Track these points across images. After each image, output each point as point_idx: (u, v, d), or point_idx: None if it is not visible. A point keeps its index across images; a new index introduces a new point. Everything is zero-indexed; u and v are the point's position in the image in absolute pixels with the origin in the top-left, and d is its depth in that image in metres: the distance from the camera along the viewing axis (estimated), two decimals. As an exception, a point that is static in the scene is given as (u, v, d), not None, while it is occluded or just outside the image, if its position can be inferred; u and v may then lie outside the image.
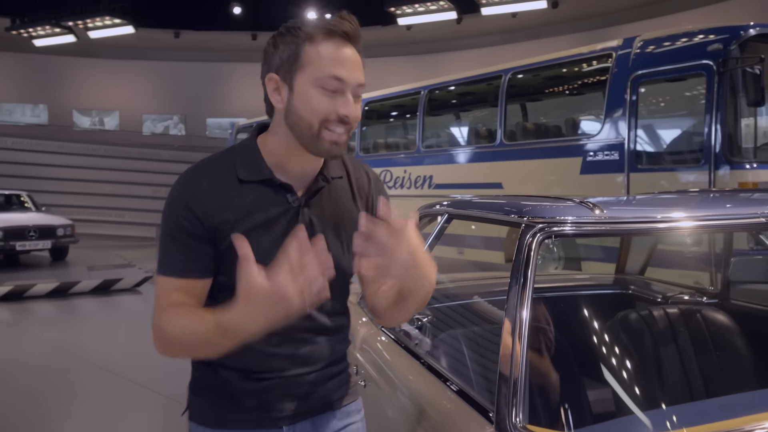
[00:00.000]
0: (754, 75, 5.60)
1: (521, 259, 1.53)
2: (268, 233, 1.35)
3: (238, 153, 1.41)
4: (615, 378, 2.21)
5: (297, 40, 1.33)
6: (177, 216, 1.34)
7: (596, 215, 1.59)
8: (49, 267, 12.34)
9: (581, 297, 2.70)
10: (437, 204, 2.47)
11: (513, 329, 1.49)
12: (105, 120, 24.22)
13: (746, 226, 1.69)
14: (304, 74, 1.32)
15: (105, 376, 5.49)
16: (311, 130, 1.32)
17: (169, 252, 1.36)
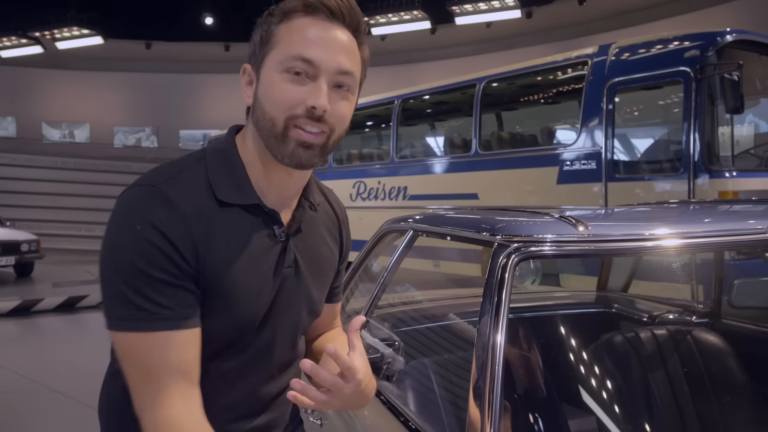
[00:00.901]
0: (733, 81, 5.49)
1: (493, 283, 1.32)
2: (254, 275, 1.06)
3: (212, 164, 1.08)
4: (599, 407, 2.02)
5: (272, 19, 1.06)
6: (153, 249, 0.97)
7: (579, 232, 1.39)
8: (13, 284, 11.94)
9: (561, 317, 2.50)
10: (405, 218, 2.26)
11: (484, 364, 1.28)
12: (75, 132, 23.79)
13: (751, 243, 1.50)
14: (272, 57, 1.04)
15: (65, 402, 5.19)
16: (275, 127, 1.03)
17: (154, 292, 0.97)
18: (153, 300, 0.97)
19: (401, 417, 1.62)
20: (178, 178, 1.04)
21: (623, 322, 2.58)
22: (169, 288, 0.98)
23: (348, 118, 1.09)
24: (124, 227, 1.00)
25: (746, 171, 5.98)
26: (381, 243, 2.30)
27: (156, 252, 0.97)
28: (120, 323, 0.98)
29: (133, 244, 0.98)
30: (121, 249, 0.99)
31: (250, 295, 1.06)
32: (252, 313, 1.07)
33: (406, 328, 2.39)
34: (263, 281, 1.08)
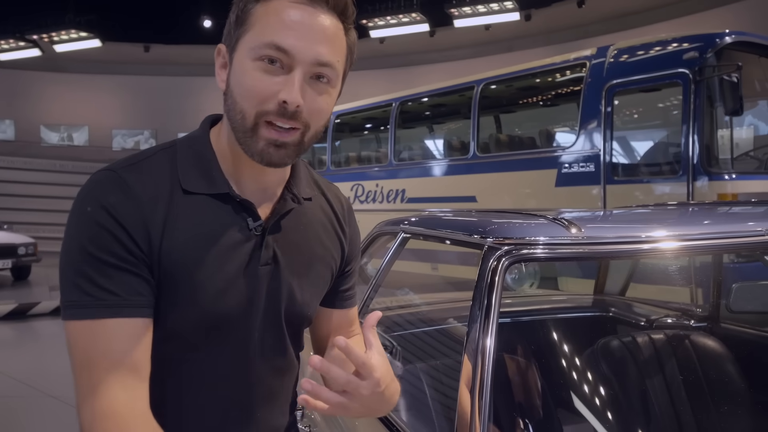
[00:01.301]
0: (732, 83, 5.46)
1: (483, 286, 1.28)
2: (220, 270, 0.97)
3: (181, 152, 1.00)
4: (595, 413, 1.98)
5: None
6: (98, 227, 0.91)
7: (572, 235, 1.35)
8: (9, 287, 11.90)
9: (557, 321, 2.46)
10: (397, 221, 2.22)
11: (473, 369, 1.24)
12: (74, 135, 23.74)
13: (749, 246, 1.45)
14: (244, 41, 0.94)
15: (60, 407, 5.14)
16: (245, 121, 0.93)
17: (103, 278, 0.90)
18: (99, 285, 0.89)
19: (393, 428, 1.57)
20: (140, 164, 0.97)
21: (620, 326, 2.54)
22: (116, 272, 0.90)
23: (327, 114, 0.99)
24: (76, 212, 0.94)
25: (745, 173, 5.95)
26: (373, 245, 2.26)
27: (104, 233, 0.91)
28: (66, 311, 0.91)
29: (82, 227, 0.92)
30: (71, 233, 0.93)
31: (215, 290, 0.96)
32: (220, 310, 0.98)
33: (401, 332, 2.35)
34: (233, 277, 0.98)
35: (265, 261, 1.01)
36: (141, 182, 0.95)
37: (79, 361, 0.90)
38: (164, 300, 0.95)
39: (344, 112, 10.85)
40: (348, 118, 11.02)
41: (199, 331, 0.99)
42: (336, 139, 11.16)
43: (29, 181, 19.27)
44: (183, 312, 0.96)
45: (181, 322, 0.97)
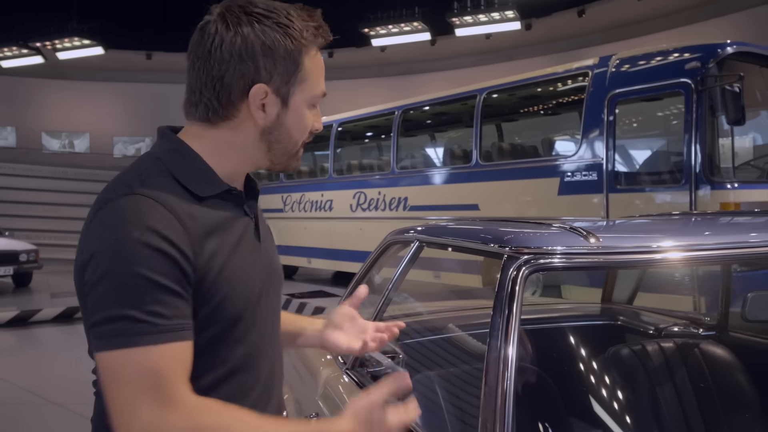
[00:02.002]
0: (734, 93, 5.49)
1: (503, 296, 1.29)
2: (239, 255, 1.09)
3: (172, 163, 1.08)
4: (606, 420, 1.99)
5: (296, 44, 1.08)
6: (152, 251, 0.95)
7: (590, 244, 1.36)
8: (11, 294, 11.89)
9: (566, 329, 2.47)
10: (409, 230, 2.23)
11: (495, 378, 1.26)
12: (75, 142, 23.76)
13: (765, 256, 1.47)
14: (303, 90, 1.12)
15: (62, 413, 5.14)
16: (295, 147, 1.16)
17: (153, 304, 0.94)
18: (157, 312, 0.94)
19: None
20: (150, 182, 1.02)
21: (629, 334, 2.55)
22: (171, 297, 0.96)
23: None
24: (121, 239, 0.96)
25: (748, 182, 5.97)
26: (385, 254, 2.28)
27: (160, 257, 0.96)
28: (118, 339, 0.94)
29: (132, 252, 0.95)
30: (118, 260, 0.95)
31: (241, 272, 1.08)
32: (250, 289, 1.10)
33: (409, 341, 2.36)
34: (251, 258, 1.12)
35: (261, 237, 1.18)
36: (167, 198, 1.01)
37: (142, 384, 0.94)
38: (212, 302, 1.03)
39: (346, 120, 10.88)
40: (350, 126, 11.05)
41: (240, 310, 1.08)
42: (338, 147, 11.19)
43: (30, 188, 19.26)
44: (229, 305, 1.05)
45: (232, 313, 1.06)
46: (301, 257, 11.64)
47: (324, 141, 11.00)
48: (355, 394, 1.94)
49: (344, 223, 10.40)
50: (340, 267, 10.64)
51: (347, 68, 21.61)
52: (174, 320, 0.96)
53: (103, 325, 0.95)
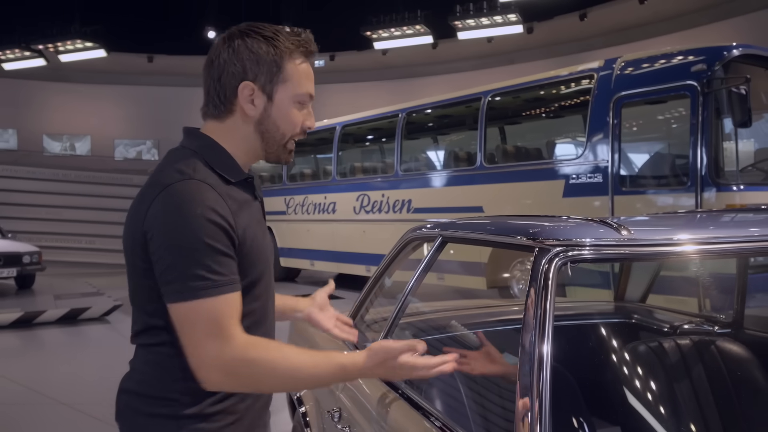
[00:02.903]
0: (740, 95, 5.50)
1: (537, 289, 1.30)
2: (257, 228, 1.39)
3: (209, 156, 1.36)
4: (626, 417, 2.00)
5: (278, 51, 1.36)
6: (212, 223, 1.25)
7: (622, 236, 1.38)
8: (14, 295, 11.88)
9: (581, 327, 2.48)
10: (431, 225, 2.24)
11: (530, 371, 1.27)
12: (76, 145, 23.78)
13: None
14: (286, 88, 1.38)
15: (68, 412, 5.15)
16: (283, 139, 1.41)
17: (216, 266, 1.24)
18: (216, 271, 1.24)
19: (431, 416, 1.60)
20: (198, 170, 1.31)
21: (644, 332, 2.56)
22: (225, 258, 1.26)
23: None
24: (186, 214, 1.24)
25: (753, 185, 5.98)
26: (404, 252, 2.29)
27: (216, 228, 1.25)
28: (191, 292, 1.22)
29: (197, 225, 1.23)
30: (186, 231, 1.23)
31: (260, 242, 1.38)
32: (265, 256, 1.41)
33: (427, 338, 2.37)
34: (262, 232, 1.43)
35: (264, 215, 1.50)
36: (214, 183, 1.31)
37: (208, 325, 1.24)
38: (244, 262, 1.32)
39: (350, 123, 10.89)
40: (353, 128, 11.06)
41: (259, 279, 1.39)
42: (341, 149, 11.19)
43: (31, 191, 19.25)
44: (255, 267, 1.36)
45: (252, 274, 1.36)
46: (304, 259, 11.64)
47: (327, 143, 11.01)
48: (375, 387, 1.95)
49: (347, 225, 10.41)
50: (343, 269, 10.64)
51: (348, 71, 21.65)
52: (228, 276, 1.25)
53: (176, 282, 1.23)
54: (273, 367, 1.27)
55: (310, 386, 1.39)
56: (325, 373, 1.31)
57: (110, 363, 1.43)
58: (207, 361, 1.23)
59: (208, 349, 1.23)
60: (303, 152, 12.78)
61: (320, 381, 1.33)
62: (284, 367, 1.27)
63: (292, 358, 1.28)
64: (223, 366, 1.23)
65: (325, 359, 1.32)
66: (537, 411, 1.21)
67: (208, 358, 1.23)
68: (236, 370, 1.24)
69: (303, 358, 1.30)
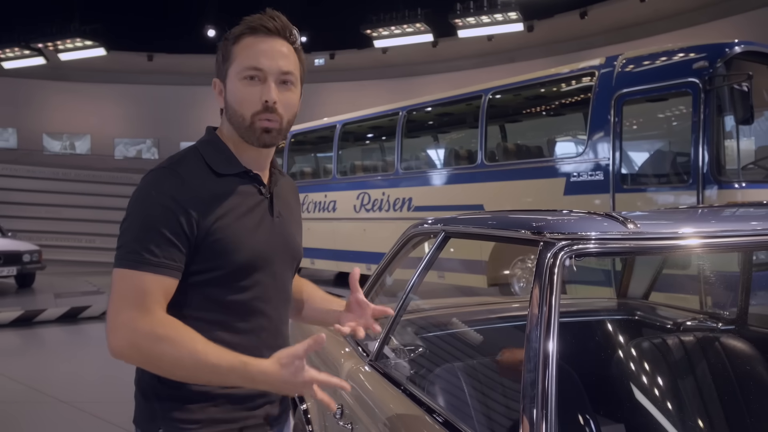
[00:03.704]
0: (742, 92, 5.48)
1: (542, 283, 1.29)
2: (246, 221, 1.40)
3: (204, 149, 1.44)
4: (630, 414, 1.99)
5: (228, 42, 1.43)
6: (166, 210, 1.31)
7: (628, 230, 1.36)
8: (14, 294, 11.87)
9: (585, 324, 2.47)
10: (426, 222, 2.23)
11: (535, 366, 1.25)
12: (76, 144, 23.76)
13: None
14: (233, 70, 1.41)
15: (69, 410, 5.14)
16: (244, 121, 1.40)
17: (154, 247, 1.30)
18: (153, 252, 1.29)
19: (434, 412, 1.58)
20: (182, 161, 1.40)
21: (647, 329, 2.55)
22: (167, 244, 1.30)
23: (294, 106, 1.45)
24: (142, 196, 1.35)
25: (755, 182, 5.96)
26: (406, 248, 2.27)
27: (166, 214, 1.31)
28: (120, 261, 1.31)
29: (148, 206, 1.32)
30: (137, 209, 1.33)
31: (246, 235, 1.39)
32: (253, 250, 1.40)
33: (429, 335, 2.36)
34: (256, 227, 1.42)
35: (276, 215, 1.48)
36: (189, 173, 1.37)
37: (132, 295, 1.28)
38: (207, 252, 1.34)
39: (350, 122, 10.87)
40: (354, 127, 11.04)
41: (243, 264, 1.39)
42: (342, 147, 11.18)
43: (31, 189, 19.25)
44: (230, 252, 1.36)
45: (229, 259, 1.37)
46: (304, 258, 11.60)
47: (328, 142, 10.99)
48: (377, 383, 1.94)
49: (348, 223, 10.39)
50: (343, 268, 10.62)
51: (349, 70, 21.63)
52: (162, 259, 1.30)
53: (118, 250, 1.33)
54: (176, 348, 1.25)
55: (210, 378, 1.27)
56: (226, 366, 1.26)
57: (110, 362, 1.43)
58: (117, 326, 1.26)
59: (122, 315, 1.27)
60: (303, 151, 12.75)
61: (220, 373, 1.27)
62: (187, 351, 1.25)
63: (199, 345, 1.26)
64: (130, 335, 1.25)
65: (231, 353, 1.28)
66: (542, 407, 1.19)
67: (120, 324, 1.26)
68: (140, 343, 1.25)
69: (209, 347, 1.26)
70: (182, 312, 1.35)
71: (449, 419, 1.51)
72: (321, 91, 21.19)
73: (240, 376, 1.27)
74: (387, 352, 2.08)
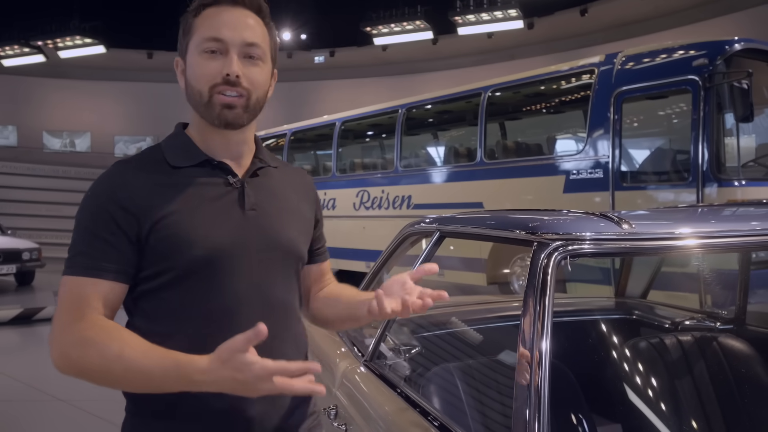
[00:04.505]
0: (742, 90, 5.46)
1: (535, 284, 1.28)
2: (203, 214, 1.25)
3: (164, 143, 1.34)
4: (627, 413, 1.98)
5: (188, 15, 1.30)
6: (100, 210, 1.21)
7: (623, 230, 1.35)
8: (14, 292, 11.88)
9: (582, 323, 2.46)
10: (422, 221, 2.21)
11: (528, 367, 1.24)
12: (76, 141, 23.75)
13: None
14: (192, 43, 1.28)
15: (67, 409, 5.13)
16: (202, 98, 1.26)
17: (88, 249, 1.20)
18: (86, 253, 1.19)
19: (429, 415, 1.57)
20: (134, 158, 1.30)
21: (645, 328, 2.54)
22: (101, 243, 1.19)
23: (262, 83, 1.30)
24: (86, 195, 1.25)
25: (755, 180, 5.94)
26: (401, 247, 2.26)
27: (102, 213, 1.20)
28: (65, 269, 1.20)
29: (87, 207, 1.23)
30: (81, 213, 1.23)
31: (200, 229, 1.23)
32: (212, 245, 1.23)
33: (426, 334, 2.35)
34: (219, 220, 1.26)
35: (250, 206, 1.30)
36: (137, 169, 1.26)
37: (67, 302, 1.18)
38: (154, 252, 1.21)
39: (350, 119, 10.85)
40: (353, 124, 11.02)
41: (198, 271, 1.22)
42: (341, 145, 11.16)
43: (31, 187, 19.27)
44: (185, 251, 1.21)
45: (186, 258, 1.21)
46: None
47: (327, 139, 10.98)
48: (372, 384, 1.92)
49: (347, 221, 10.38)
50: (342, 266, 10.60)
51: (348, 67, 21.60)
52: (95, 261, 1.18)
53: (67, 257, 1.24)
54: (103, 355, 1.11)
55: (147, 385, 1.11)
56: (159, 370, 1.09)
57: None
58: (52, 336, 1.17)
59: (56, 324, 1.17)
60: (302, 148, 12.73)
61: (155, 379, 1.10)
62: (114, 356, 1.10)
63: (127, 349, 1.11)
64: (60, 344, 1.15)
65: (162, 353, 1.11)
66: (535, 408, 1.18)
67: (54, 333, 1.17)
68: (69, 351, 1.14)
69: (139, 350, 1.11)
70: (144, 326, 1.22)
71: (444, 422, 1.50)
72: (321, 88, 21.19)
73: (177, 380, 1.09)
74: (383, 351, 2.07)
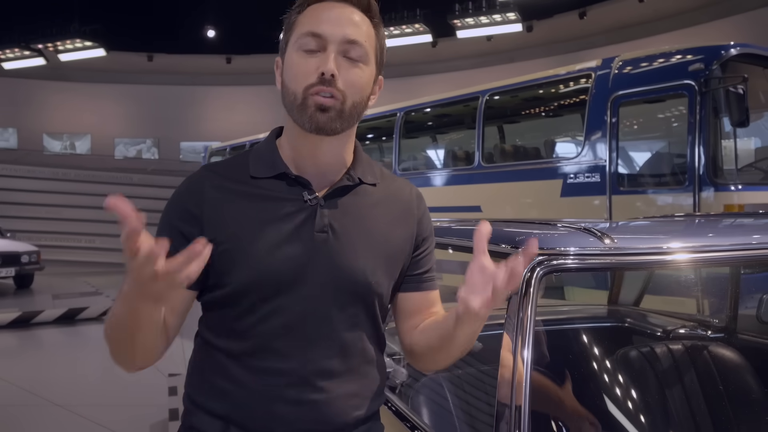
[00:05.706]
0: (738, 95, 5.47)
1: (518, 299, 1.28)
2: (273, 233, 1.16)
3: (254, 148, 1.27)
4: (616, 423, 1.98)
5: (292, 12, 1.22)
6: (170, 214, 1.20)
7: (605, 245, 1.35)
8: (12, 295, 11.89)
9: (573, 331, 2.46)
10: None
11: (509, 384, 1.24)
12: (76, 144, 23.76)
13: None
14: (290, 42, 1.19)
15: (64, 415, 5.13)
16: (296, 99, 1.16)
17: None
18: None
19: (417, 428, 1.58)
20: (224, 162, 1.26)
21: (637, 336, 2.54)
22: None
23: (362, 87, 1.19)
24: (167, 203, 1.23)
25: (751, 184, 5.95)
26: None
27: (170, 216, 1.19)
28: None
29: (165, 209, 1.21)
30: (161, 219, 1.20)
31: (266, 250, 1.15)
32: (271, 267, 1.15)
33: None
34: (284, 240, 1.16)
35: (319, 228, 1.18)
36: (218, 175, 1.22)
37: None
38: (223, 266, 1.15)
39: (348, 122, 10.87)
40: (352, 127, 11.02)
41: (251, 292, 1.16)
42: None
43: (31, 190, 19.25)
44: (237, 273, 1.15)
45: (244, 275, 1.15)
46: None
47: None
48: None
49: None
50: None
51: (348, 70, 21.59)
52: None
53: None
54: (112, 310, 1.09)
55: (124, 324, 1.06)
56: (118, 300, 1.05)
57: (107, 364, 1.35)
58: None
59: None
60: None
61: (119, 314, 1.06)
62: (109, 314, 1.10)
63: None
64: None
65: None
66: (515, 421, 1.18)
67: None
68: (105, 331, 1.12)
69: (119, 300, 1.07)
70: (206, 336, 1.22)
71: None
72: (320, 91, 21.12)
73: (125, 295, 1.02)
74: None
